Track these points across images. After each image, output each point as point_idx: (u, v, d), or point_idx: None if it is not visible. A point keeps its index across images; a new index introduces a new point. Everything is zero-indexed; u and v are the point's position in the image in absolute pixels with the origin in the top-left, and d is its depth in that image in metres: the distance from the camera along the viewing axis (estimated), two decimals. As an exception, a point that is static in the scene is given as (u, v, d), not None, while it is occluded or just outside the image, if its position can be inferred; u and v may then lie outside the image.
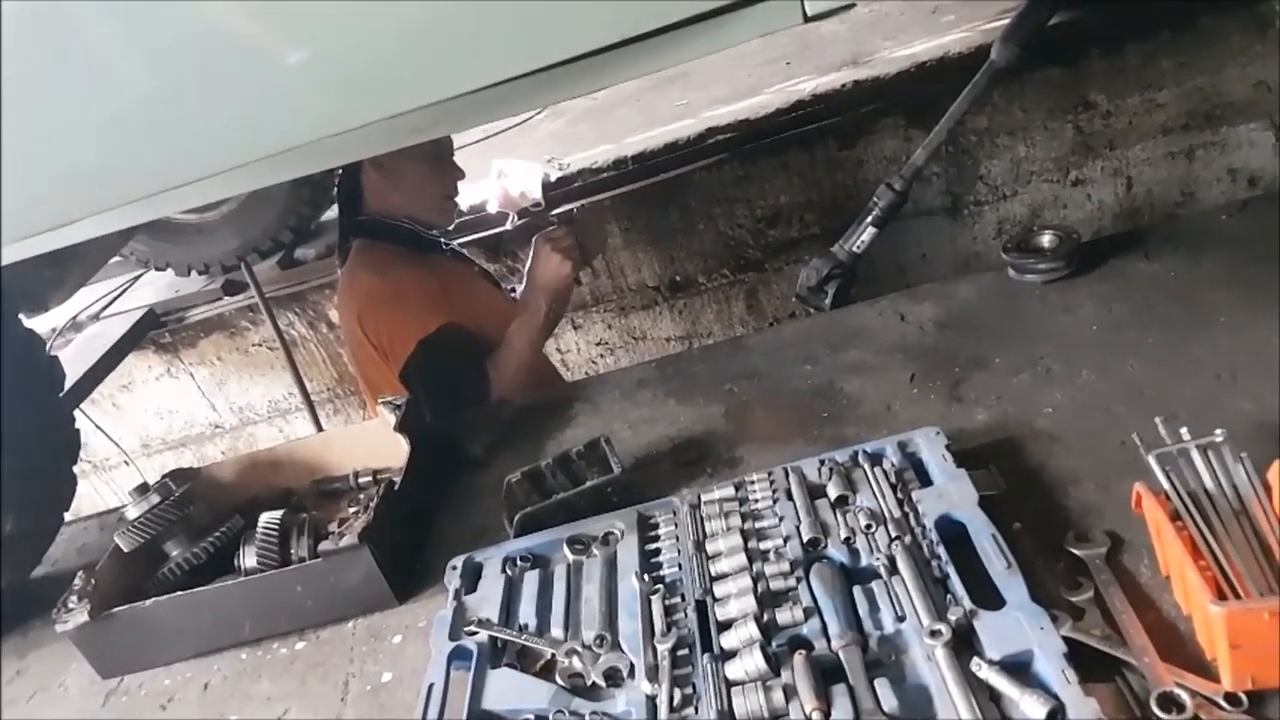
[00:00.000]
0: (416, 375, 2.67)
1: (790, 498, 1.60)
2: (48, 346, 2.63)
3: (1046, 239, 2.16)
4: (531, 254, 2.90)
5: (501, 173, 4.06)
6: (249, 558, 1.87)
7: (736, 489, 1.69)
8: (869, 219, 2.87)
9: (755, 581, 1.44)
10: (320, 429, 4.41)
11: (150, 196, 1.43)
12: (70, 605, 1.82)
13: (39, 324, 3.64)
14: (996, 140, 3.90)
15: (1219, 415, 1.49)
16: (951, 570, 1.35)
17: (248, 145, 1.36)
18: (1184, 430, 1.36)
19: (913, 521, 1.46)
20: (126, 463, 4.91)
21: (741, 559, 1.50)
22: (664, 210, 4.10)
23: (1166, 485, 1.31)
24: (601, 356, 4.56)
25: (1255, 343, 1.73)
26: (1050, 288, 2.10)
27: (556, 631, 1.54)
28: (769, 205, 4.07)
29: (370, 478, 2.19)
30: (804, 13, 1.22)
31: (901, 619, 1.32)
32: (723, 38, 1.25)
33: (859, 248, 2.89)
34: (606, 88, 1.36)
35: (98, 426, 4.60)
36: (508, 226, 3.99)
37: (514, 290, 3.14)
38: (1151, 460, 1.34)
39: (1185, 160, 3.91)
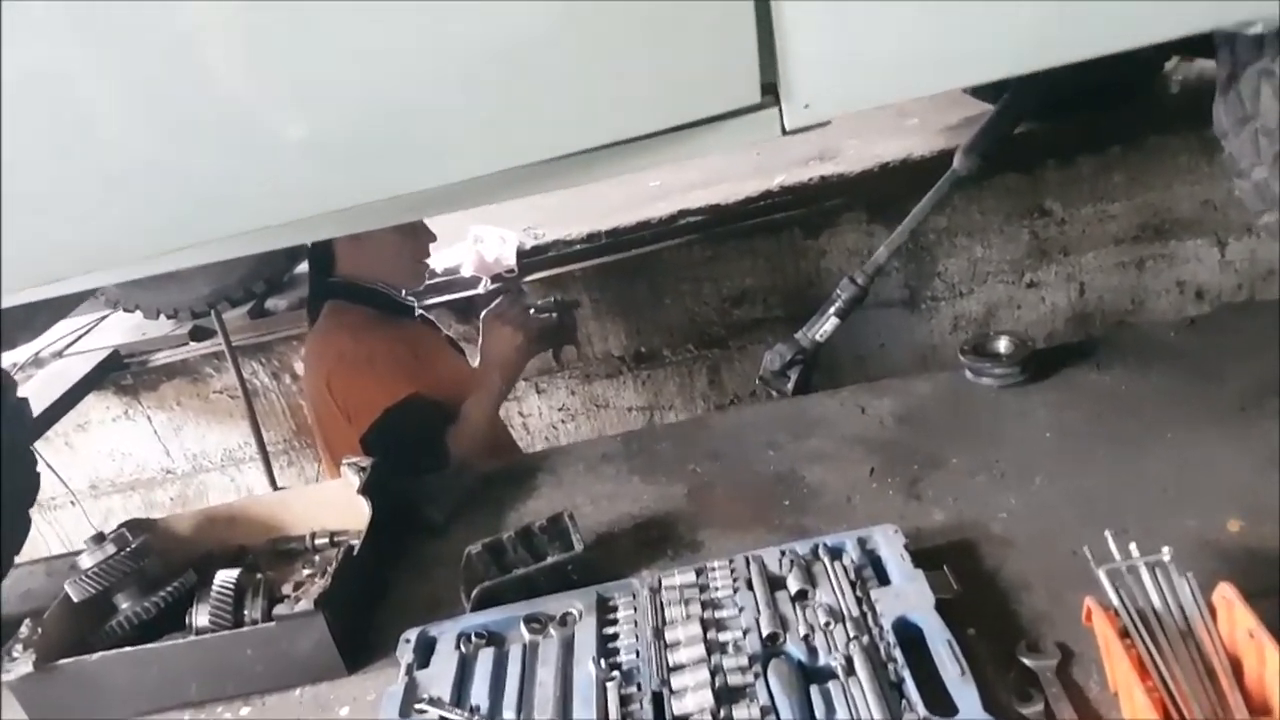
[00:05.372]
0: (378, 442, 2.66)
1: (751, 588, 1.61)
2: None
3: (1003, 344, 2.23)
4: (481, 332, 2.99)
5: (478, 238, 4.09)
6: (201, 616, 1.82)
7: (697, 575, 1.69)
8: (831, 310, 2.94)
9: (713, 675, 1.44)
10: (273, 480, 4.36)
11: (144, 260, 1.45)
12: (14, 654, 1.77)
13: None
14: (955, 240, 4.01)
15: (1166, 531, 1.54)
16: (907, 674, 1.37)
17: (246, 215, 1.37)
18: (1133, 546, 1.39)
19: (870, 621, 1.48)
20: (73, 503, 4.81)
21: (700, 650, 1.50)
22: (633, 284, 4.15)
23: (1116, 602, 1.35)
24: (563, 422, 4.57)
25: (1200, 460, 1.79)
26: (1005, 392, 2.16)
27: (509, 715, 1.51)
28: (735, 286, 4.14)
29: (327, 539, 2.16)
30: (783, 127, 1.28)
31: (857, 722, 1.33)
32: (706, 145, 1.30)
33: (821, 336, 2.96)
34: (589, 183, 1.41)
35: (48, 465, 4.50)
36: (480, 290, 4.02)
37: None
38: (1102, 575, 1.38)
39: (1135, 270, 4.05)
